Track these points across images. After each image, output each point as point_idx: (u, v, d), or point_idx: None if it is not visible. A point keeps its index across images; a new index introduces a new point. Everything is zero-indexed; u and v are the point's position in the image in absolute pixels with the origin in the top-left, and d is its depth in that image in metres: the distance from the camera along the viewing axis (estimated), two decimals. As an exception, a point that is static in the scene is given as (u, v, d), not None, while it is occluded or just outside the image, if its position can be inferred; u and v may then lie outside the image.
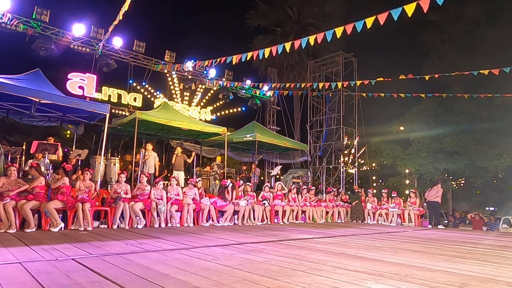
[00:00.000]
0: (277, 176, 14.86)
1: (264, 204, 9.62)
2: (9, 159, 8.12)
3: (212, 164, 12.93)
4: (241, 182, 9.99)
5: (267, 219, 9.64)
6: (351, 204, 12.14)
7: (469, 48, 20.80)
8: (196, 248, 4.38)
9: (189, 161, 11.33)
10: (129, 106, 12.71)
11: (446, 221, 14.33)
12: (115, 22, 8.91)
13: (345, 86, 15.66)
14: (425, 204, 11.86)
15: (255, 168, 12.98)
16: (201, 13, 39.07)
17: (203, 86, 15.02)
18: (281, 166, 14.66)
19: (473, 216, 13.83)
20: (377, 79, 11.17)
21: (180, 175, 10.69)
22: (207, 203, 8.41)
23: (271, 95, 16.75)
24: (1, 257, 3.45)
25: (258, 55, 8.69)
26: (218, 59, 9.33)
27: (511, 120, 17.09)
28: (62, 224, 6.09)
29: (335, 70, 18.14)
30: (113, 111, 11.50)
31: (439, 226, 10.68)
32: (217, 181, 11.89)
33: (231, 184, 9.09)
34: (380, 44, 25.89)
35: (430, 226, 10.56)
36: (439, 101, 18.67)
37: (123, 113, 12.33)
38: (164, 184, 8.09)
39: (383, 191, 11.98)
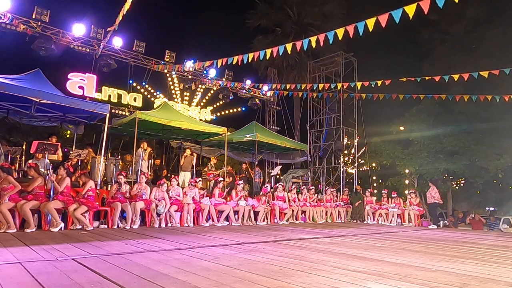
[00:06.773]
0: (277, 176, 14.84)
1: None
2: (9, 159, 8.13)
3: (209, 164, 12.92)
4: (241, 182, 9.98)
5: (267, 219, 9.64)
6: (354, 205, 12.14)
7: (469, 48, 20.75)
8: (196, 248, 4.38)
9: (194, 163, 11.39)
10: (129, 106, 12.71)
11: (446, 221, 14.32)
12: (116, 23, 8.90)
13: (345, 86, 15.65)
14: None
15: (248, 167, 12.99)
16: (201, 13, 39.01)
17: (203, 86, 15.02)
18: (281, 166, 14.65)
19: (472, 217, 13.82)
20: (377, 81, 11.14)
21: (186, 175, 10.78)
22: (207, 203, 8.41)
23: (271, 95, 16.73)
24: (1, 257, 3.44)
25: (259, 56, 8.67)
26: (220, 61, 9.31)
27: (511, 120, 17.05)
28: (62, 224, 6.10)
29: (335, 70, 18.14)
30: (113, 111, 11.51)
31: (438, 224, 10.78)
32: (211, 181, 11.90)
33: (221, 180, 9.29)
34: (380, 44, 25.78)
35: (434, 227, 10.54)
36: (439, 101, 18.56)
37: (123, 113, 12.33)
38: (166, 184, 8.09)
39: (383, 191, 11.98)
